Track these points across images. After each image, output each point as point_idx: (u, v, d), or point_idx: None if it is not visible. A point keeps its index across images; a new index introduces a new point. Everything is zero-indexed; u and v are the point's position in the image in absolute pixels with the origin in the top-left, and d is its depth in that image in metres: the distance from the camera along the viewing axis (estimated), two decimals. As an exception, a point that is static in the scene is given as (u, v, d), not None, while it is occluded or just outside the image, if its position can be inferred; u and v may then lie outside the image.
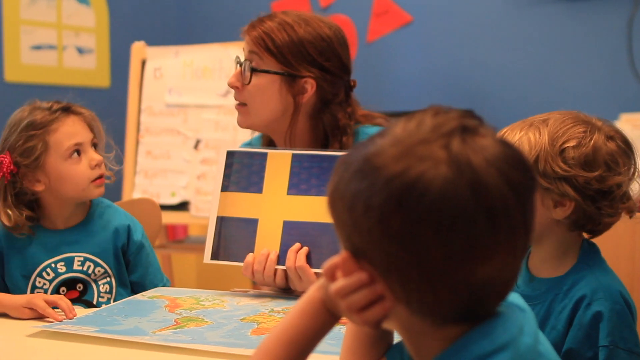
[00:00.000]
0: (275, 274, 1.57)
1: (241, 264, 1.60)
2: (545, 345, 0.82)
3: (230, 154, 1.71)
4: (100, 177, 1.68)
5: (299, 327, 0.87)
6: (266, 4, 3.95)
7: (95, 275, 1.68)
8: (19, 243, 1.67)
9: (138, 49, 3.34)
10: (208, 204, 3.10)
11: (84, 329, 1.36)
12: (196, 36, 4.06)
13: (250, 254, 1.58)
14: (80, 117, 1.69)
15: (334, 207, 0.80)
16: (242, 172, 1.68)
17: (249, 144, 1.93)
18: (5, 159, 1.62)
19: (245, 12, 4.03)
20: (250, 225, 1.63)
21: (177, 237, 3.65)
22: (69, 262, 1.67)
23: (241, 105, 1.78)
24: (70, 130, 1.66)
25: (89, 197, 1.70)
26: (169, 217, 3.04)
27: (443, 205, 0.71)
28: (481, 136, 0.75)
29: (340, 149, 1.74)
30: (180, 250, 3.40)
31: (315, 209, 1.58)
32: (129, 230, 1.74)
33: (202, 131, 3.16)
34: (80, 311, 1.52)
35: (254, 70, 1.73)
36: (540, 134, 1.23)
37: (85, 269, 1.68)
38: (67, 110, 1.68)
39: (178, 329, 1.36)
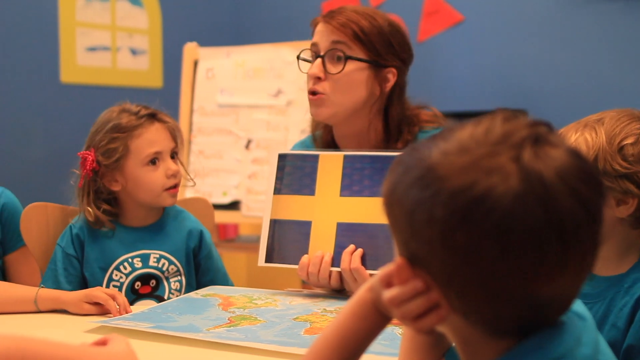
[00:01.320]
0: (330, 276, 1.57)
1: (295, 266, 1.60)
2: (606, 354, 0.80)
3: (282, 157, 1.71)
4: (175, 186, 1.72)
5: (350, 328, 0.86)
6: (317, 5, 3.96)
7: (168, 272, 1.73)
8: (99, 236, 1.72)
9: (190, 49, 3.37)
10: (259, 204, 3.13)
11: (140, 324, 1.38)
12: (248, 37, 4.09)
13: (305, 256, 1.59)
14: (164, 125, 1.73)
15: (390, 210, 0.77)
16: (294, 175, 1.68)
17: (301, 143, 1.93)
18: (89, 157, 1.69)
19: (297, 13, 4.06)
20: (303, 227, 1.63)
21: (227, 236, 3.68)
22: (145, 258, 1.73)
23: (320, 96, 1.73)
24: (152, 138, 1.70)
25: (162, 205, 1.75)
26: (220, 217, 3.06)
27: (512, 223, 0.68)
28: (552, 146, 0.71)
29: (408, 142, 1.75)
30: (231, 249, 3.43)
31: (368, 211, 1.57)
32: (201, 234, 1.79)
33: (253, 131, 3.18)
34: (136, 307, 1.55)
35: (348, 58, 1.70)
36: (596, 134, 1.23)
37: (160, 265, 1.73)
38: (152, 117, 1.72)
39: (232, 327, 1.37)
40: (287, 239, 1.65)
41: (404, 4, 3.80)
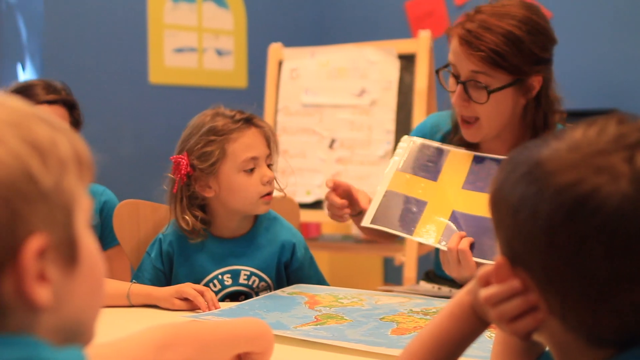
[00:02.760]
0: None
1: (399, 233, 1.61)
2: None
3: (412, 143, 1.73)
4: (269, 193, 1.67)
5: (446, 330, 0.85)
6: (400, 5, 3.94)
7: (258, 288, 1.71)
8: (189, 250, 1.69)
9: (275, 50, 3.41)
10: (342, 203, 3.13)
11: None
12: (332, 37, 4.11)
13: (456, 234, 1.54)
14: (260, 130, 1.67)
15: (496, 207, 0.76)
16: (420, 160, 1.70)
17: (438, 116, 1.88)
18: (183, 160, 1.64)
19: (380, 13, 4.05)
20: (418, 204, 1.64)
21: (310, 235, 3.70)
22: (235, 275, 1.69)
23: (475, 123, 1.68)
24: (249, 142, 1.64)
25: (255, 212, 1.69)
26: (303, 215, 3.07)
27: (619, 224, 0.66)
28: None
29: None
30: (313, 248, 3.43)
31: (487, 205, 1.56)
32: (294, 248, 1.75)
33: (337, 131, 3.18)
34: (224, 304, 1.58)
35: (491, 92, 1.62)
36: None
37: (250, 283, 1.70)
38: (248, 121, 1.66)
39: (318, 325, 1.37)
40: (399, 209, 1.64)
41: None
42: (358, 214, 1.73)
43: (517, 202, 0.72)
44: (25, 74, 3.47)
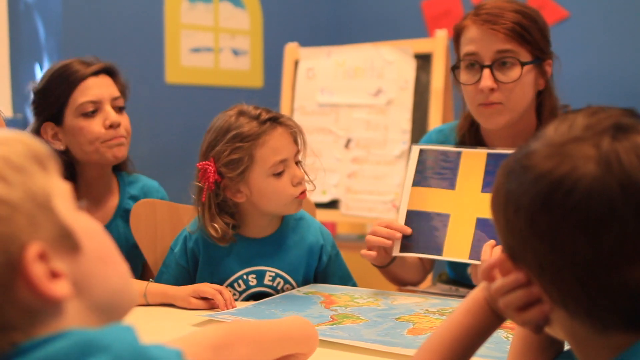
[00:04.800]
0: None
1: (430, 256, 1.62)
2: None
3: (422, 152, 1.71)
4: (302, 192, 1.62)
5: (463, 325, 0.87)
6: (416, 4, 3.93)
7: (282, 290, 1.68)
8: (215, 249, 1.66)
9: (291, 49, 3.41)
10: (358, 203, 3.13)
11: (245, 319, 1.40)
12: (348, 36, 4.10)
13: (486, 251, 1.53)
14: (287, 128, 1.61)
15: (493, 209, 0.80)
16: (434, 169, 1.69)
17: (440, 131, 1.89)
18: (210, 167, 1.58)
19: (396, 13, 4.05)
20: (441, 219, 1.63)
21: (325, 234, 3.70)
22: (260, 276, 1.67)
23: (496, 106, 1.68)
24: (277, 145, 1.58)
25: (288, 213, 1.66)
26: (319, 215, 3.06)
27: (590, 203, 0.69)
28: (638, 134, 0.72)
29: None
30: (329, 247, 3.44)
31: None
32: (321, 250, 1.72)
33: (353, 130, 3.18)
34: (240, 304, 1.58)
35: (524, 65, 1.64)
36: None
37: (274, 284, 1.68)
38: (275, 121, 1.60)
39: (334, 325, 1.38)
40: (424, 230, 1.64)
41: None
42: (389, 263, 1.72)
43: (504, 200, 0.76)
44: (43, 74, 3.50)
